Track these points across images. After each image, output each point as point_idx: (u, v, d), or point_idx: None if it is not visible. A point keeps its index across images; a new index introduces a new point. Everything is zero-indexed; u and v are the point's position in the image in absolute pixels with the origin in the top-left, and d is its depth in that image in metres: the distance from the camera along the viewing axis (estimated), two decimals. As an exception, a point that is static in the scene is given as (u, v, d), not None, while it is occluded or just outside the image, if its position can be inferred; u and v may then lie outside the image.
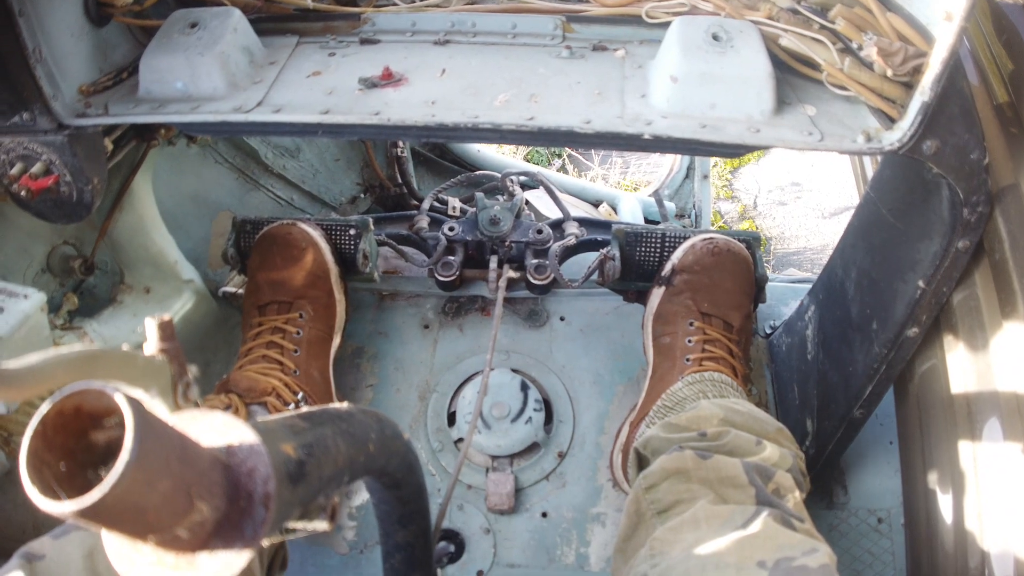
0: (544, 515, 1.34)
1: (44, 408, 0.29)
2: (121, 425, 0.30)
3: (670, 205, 2.08)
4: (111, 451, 0.30)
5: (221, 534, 0.34)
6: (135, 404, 0.28)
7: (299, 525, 0.46)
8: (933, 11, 0.82)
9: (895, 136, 0.82)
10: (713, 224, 4.10)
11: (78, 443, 0.30)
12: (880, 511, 1.39)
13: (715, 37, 0.85)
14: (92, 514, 0.27)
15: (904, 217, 1.05)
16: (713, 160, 4.42)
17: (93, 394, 0.29)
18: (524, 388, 1.41)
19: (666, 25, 0.91)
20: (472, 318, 1.56)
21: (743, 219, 4.56)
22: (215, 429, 0.35)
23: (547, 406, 1.42)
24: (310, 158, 1.80)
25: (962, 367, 0.97)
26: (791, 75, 0.93)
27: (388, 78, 0.87)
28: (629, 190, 3.45)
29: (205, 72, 0.88)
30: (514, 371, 1.45)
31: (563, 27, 0.98)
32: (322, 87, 0.89)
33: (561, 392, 1.45)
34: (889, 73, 0.82)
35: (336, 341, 1.38)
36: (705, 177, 2.08)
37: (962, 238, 0.91)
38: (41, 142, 0.92)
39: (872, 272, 1.14)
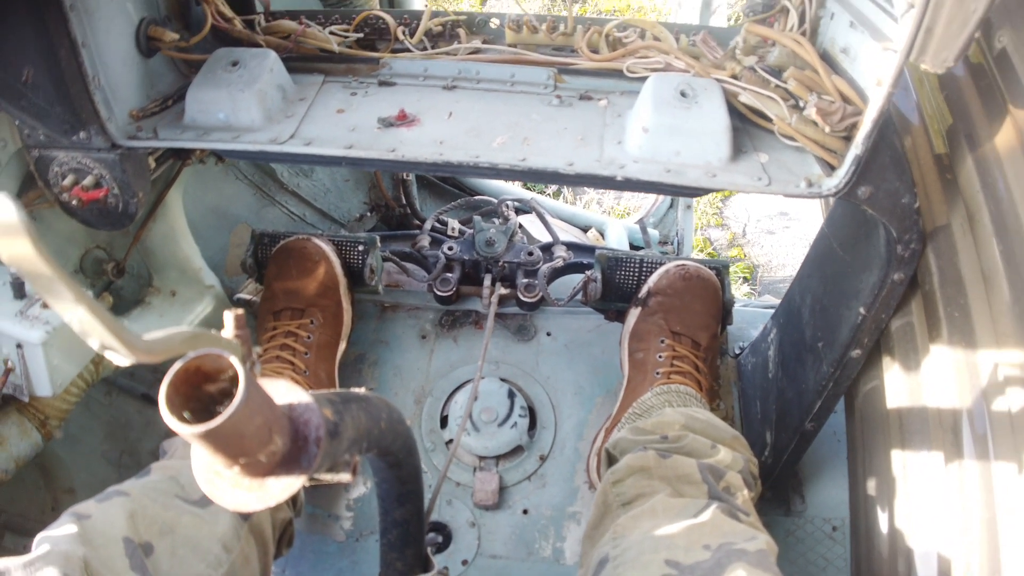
0: (525, 512, 1.46)
1: (177, 365, 0.42)
2: (228, 381, 0.44)
3: (654, 232, 2.23)
4: (218, 399, 0.44)
5: (285, 464, 0.47)
6: (243, 365, 0.41)
7: (328, 475, 0.59)
8: (867, 77, 0.96)
9: (833, 183, 0.96)
10: (702, 251, 4.26)
11: (195, 391, 0.43)
12: (835, 520, 1.52)
13: (683, 94, 0.99)
14: (210, 436, 0.40)
15: (850, 251, 1.19)
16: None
17: (211, 358, 0.42)
18: (511, 396, 1.54)
19: (644, 79, 1.06)
20: (466, 331, 1.69)
21: (732, 246, 4.70)
22: (283, 391, 0.49)
23: (532, 413, 1.55)
24: (322, 178, 1.94)
25: (897, 386, 1.09)
26: (750, 126, 1.07)
27: (403, 118, 1.01)
28: (621, 215, 3.59)
29: (245, 106, 1.02)
30: (503, 380, 1.58)
31: (555, 78, 1.12)
32: (346, 124, 1.03)
33: (545, 401, 1.58)
34: (827, 130, 0.96)
35: (342, 346, 1.51)
36: (688, 207, 2.23)
37: (897, 271, 1.04)
38: (94, 158, 1.05)
39: (823, 299, 1.27)
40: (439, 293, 1.60)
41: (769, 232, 4.80)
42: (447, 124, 1.03)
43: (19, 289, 0.97)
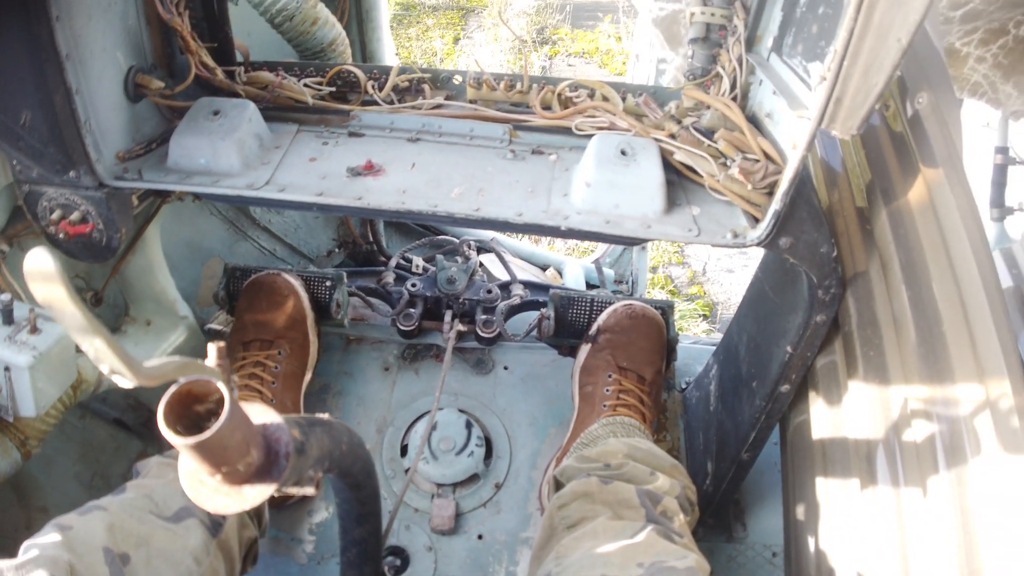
0: (480, 537, 1.53)
1: (173, 388, 0.51)
2: (214, 403, 0.53)
3: (609, 272, 2.35)
4: (205, 418, 0.53)
5: (259, 474, 0.56)
6: (228, 388, 0.50)
7: (295, 488, 0.67)
8: (786, 139, 1.08)
9: (756, 234, 1.06)
10: (663, 288, 4.39)
11: (187, 411, 0.52)
12: (775, 546, 1.61)
13: (623, 152, 1.11)
14: (199, 446, 0.49)
15: (779, 295, 1.29)
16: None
17: (201, 383, 0.51)
18: (469, 426, 1.62)
19: (590, 136, 1.17)
20: (427, 363, 1.77)
21: (693, 284, 4.84)
22: (259, 413, 0.57)
23: (488, 443, 1.63)
24: (293, 215, 2.03)
25: (822, 419, 1.18)
26: (685, 180, 1.19)
27: (370, 168, 1.11)
28: (583, 254, 3.71)
29: (225, 153, 1.10)
30: (461, 411, 1.66)
31: (510, 133, 1.23)
32: (317, 172, 1.12)
33: (501, 431, 1.67)
34: (750, 187, 1.08)
35: (308, 377, 1.58)
36: (643, 248, 2.35)
37: (819, 313, 1.14)
38: (82, 195, 1.12)
39: (757, 338, 1.38)
40: (402, 327, 1.69)
41: (728, 271, 4.95)
42: (410, 174, 1.13)
43: (7, 316, 1.04)
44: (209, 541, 1.07)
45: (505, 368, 1.77)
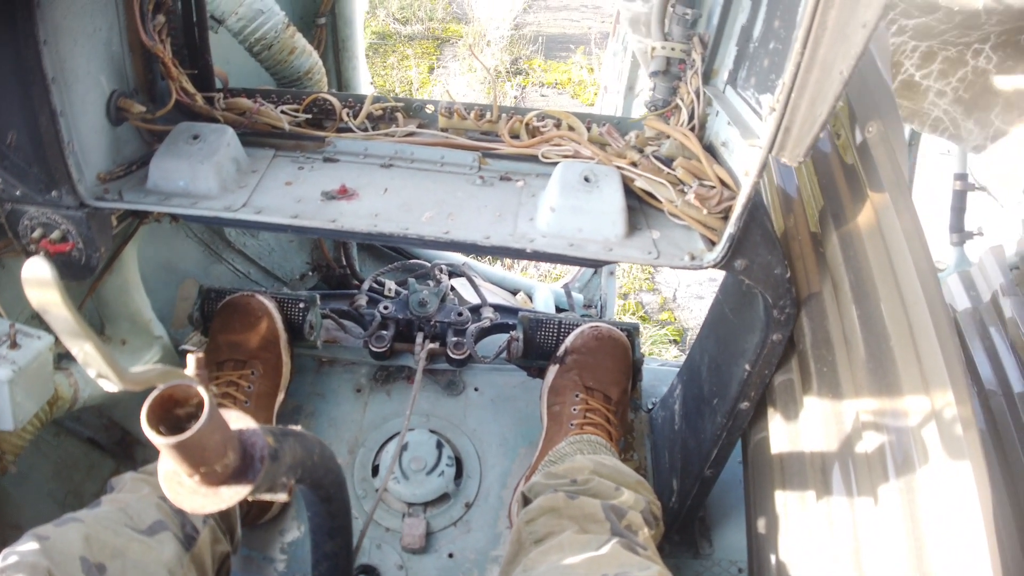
0: (451, 556, 1.55)
1: (156, 392, 0.54)
2: (193, 407, 0.56)
3: (579, 296, 2.41)
4: (184, 421, 0.56)
5: (235, 476, 0.59)
6: (207, 393, 0.54)
7: (269, 495, 0.71)
8: (740, 166, 1.14)
9: (712, 256, 1.11)
10: (634, 314, 4.45)
11: (167, 414, 0.55)
12: (740, 562, 1.64)
13: (586, 179, 1.16)
14: (179, 446, 0.52)
15: (738, 314, 1.34)
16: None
17: (182, 388, 0.54)
18: (439, 446, 1.65)
19: (555, 164, 1.23)
20: (399, 385, 1.81)
21: (663, 310, 4.90)
22: (235, 418, 0.61)
23: (458, 463, 1.66)
24: (267, 238, 2.06)
25: (780, 435, 1.23)
26: (646, 206, 1.24)
27: (343, 192, 1.15)
28: (556, 278, 3.77)
29: (203, 176, 1.14)
30: (432, 431, 1.69)
31: (480, 160, 1.28)
32: (293, 195, 1.16)
33: (471, 451, 1.70)
34: (705, 212, 1.14)
35: (280, 397, 1.61)
36: (611, 273, 2.41)
37: (775, 332, 1.19)
38: (63, 215, 1.15)
39: (718, 358, 1.42)
40: (374, 349, 1.72)
41: (698, 297, 5.03)
42: (383, 199, 1.17)
43: (-14, 333, 1.06)
44: (183, 554, 1.09)
45: (476, 389, 1.80)
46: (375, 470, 1.65)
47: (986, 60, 1.42)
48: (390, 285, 1.97)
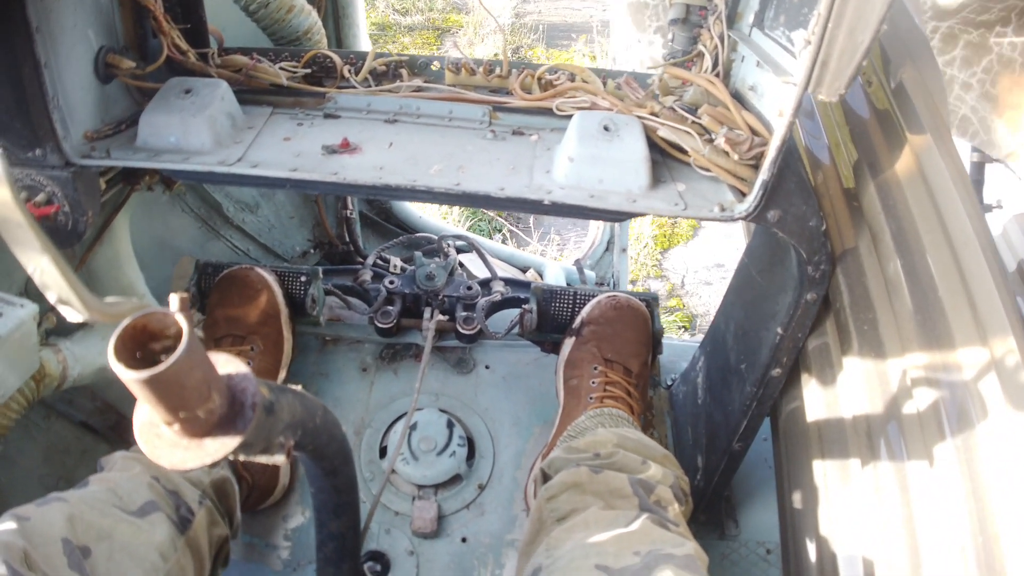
0: (464, 540, 1.48)
1: (127, 320, 0.46)
2: (171, 339, 0.48)
3: (590, 274, 2.32)
4: (160, 356, 0.48)
5: (221, 425, 0.51)
6: (188, 322, 0.46)
7: (264, 456, 0.62)
8: (772, 110, 1.06)
9: (743, 207, 1.04)
10: (642, 301, 4.36)
11: (142, 349, 0.47)
12: (768, 543, 1.57)
13: (606, 128, 1.08)
14: (152, 382, 0.44)
15: (767, 276, 1.27)
16: (635, 236, 4.71)
17: (158, 317, 0.46)
18: (450, 426, 1.57)
19: (570, 117, 1.14)
20: (406, 363, 1.73)
21: (671, 296, 4.83)
22: (223, 361, 0.53)
23: (470, 443, 1.58)
24: (267, 214, 1.98)
25: (816, 402, 1.16)
26: (669, 159, 1.16)
27: (346, 146, 1.07)
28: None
29: (196, 130, 1.06)
30: (442, 411, 1.61)
31: (490, 115, 1.20)
32: (291, 150, 1.08)
33: (483, 431, 1.62)
34: (736, 158, 1.06)
35: (282, 375, 1.53)
36: (623, 250, 2.33)
37: (809, 291, 1.11)
38: (47, 176, 1.07)
39: (745, 323, 1.35)
40: (380, 325, 1.64)
41: (706, 283, 4.95)
42: (387, 153, 1.09)
43: (-36, 301, 0.98)
44: (176, 537, 1.01)
45: (487, 367, 1.72)
46: (383, 451, 1.57)
47: (1011, 48, 1.31)
48: (395, 261, 1.90)
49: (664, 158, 1.16)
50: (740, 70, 1.19)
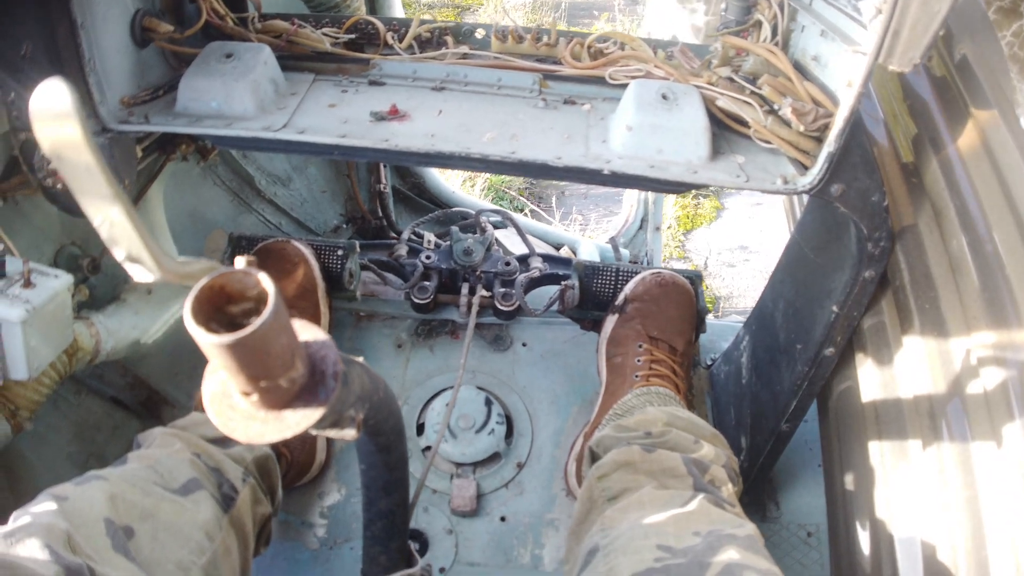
0: (503, 519, 1.46)
1: (204, 280, 0.43)
2: (251, 303, 0.45)
3: (625, 251, 2.28)
4: (239, 322, 0.44)
5: (303, 395, 0.48)
6: (272, 284, 0.42)
7: (334, 431, 0.60)
8: (838, 80, 1.01)
9: (807, 180, 1.00)
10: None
11: (216, 313, 0.44)
12: (810, 526, 1.54)
13: (664, 96, 1.03)
14: (237, 347, 0.41)
15: (822, 253, 1.23)
16: (665, 216, 4.65)
17: (237, 277, 0.43)
18: (488, 403, 1.55)
19: (625, 86, 1.10)
20: (442, 340, 1.70)
21: (694, 279, 4.75)
22: (303, 327, 0.49)
23: (508, 421, 1.56)
24: (300, 188, 1.95)
25: (871, 382, 1.12)
26: (727, 131, 1.12)
27: (394, 113, 1.03)
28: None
29: (238, 95, 1.03)
30: (479, 388, 1.59)
31: (540, 83, 1.16)
32: (338, 117, 1.04)
33: (521, 409, 1.59)
34: (802, 129, 1.01)
35: (319, 351, 1.50)
36: (657, 228, 2.29)
37: (867, 269, 1.08)
38: (84, 142, 1.04)
39: (796, 302, 1.31)
40: (416, 301, 1.61)
41: (730, 265, 4.89)
42: (437, 120, 1.05)
43: (-1, 269, 0.96)
44: (220, 516, 0.98)
45: (524, 345, 1.69)
46: (420, 428, 1.55)
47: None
48: (430, 237, 1.86)
49: (721, 129, 1.12)
50: (800, 39, 1.14)
